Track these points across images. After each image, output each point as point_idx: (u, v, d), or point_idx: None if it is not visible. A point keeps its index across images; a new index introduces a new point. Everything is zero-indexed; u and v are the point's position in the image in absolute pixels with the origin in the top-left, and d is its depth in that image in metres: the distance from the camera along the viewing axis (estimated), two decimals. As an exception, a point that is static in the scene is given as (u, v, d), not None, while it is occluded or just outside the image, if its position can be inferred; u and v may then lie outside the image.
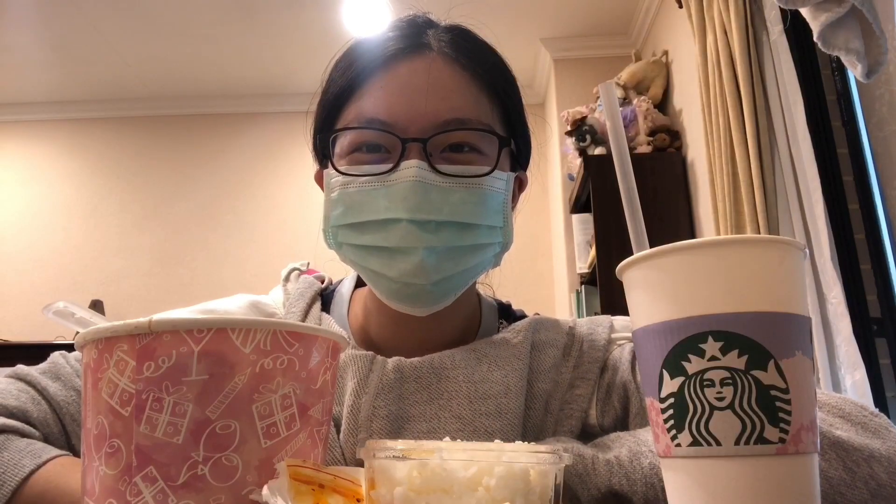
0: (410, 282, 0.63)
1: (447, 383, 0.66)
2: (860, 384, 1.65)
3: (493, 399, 0.65)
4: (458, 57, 0.67)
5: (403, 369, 0.66)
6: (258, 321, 0.40)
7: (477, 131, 0.65)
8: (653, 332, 0.38)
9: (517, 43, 3.62)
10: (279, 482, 0.37)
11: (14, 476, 0.53)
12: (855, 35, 1.52)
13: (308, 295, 0.75)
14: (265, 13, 3.40)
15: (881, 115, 1.82)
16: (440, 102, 0.64)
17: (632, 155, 1.72)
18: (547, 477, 0.39)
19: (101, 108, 4.29)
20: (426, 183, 0.61)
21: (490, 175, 0.65)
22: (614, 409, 0.68)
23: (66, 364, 0.66)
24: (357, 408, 0.65)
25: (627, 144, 0.45)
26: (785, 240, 0.38)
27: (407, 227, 0.61)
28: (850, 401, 0.54)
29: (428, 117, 0.63)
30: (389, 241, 0.62)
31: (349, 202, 0.64)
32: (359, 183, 0.64)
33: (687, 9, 2.46)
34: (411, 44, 0.67)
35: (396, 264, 0.63)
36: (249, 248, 4.06)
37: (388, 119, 0.63)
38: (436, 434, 0.64)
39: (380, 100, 0.64)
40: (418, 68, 0.65)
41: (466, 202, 0.63)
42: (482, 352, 0.68)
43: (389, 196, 0.62)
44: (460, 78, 0.66)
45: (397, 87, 0.65)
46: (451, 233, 0.63)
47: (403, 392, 0.66)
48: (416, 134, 0.63)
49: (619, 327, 0.74)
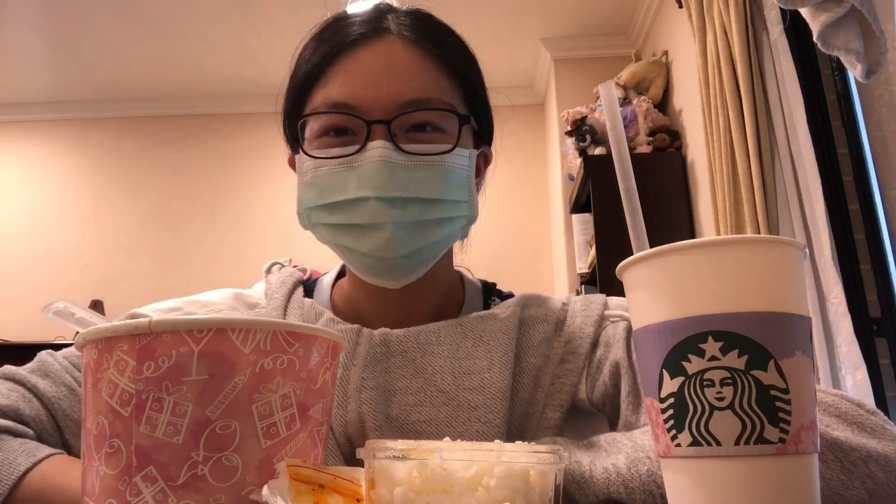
0: (382, 255, 0.66)
1: (431, 359, 0.68)
2: (861, 384, 1.65)
3: (476, 374, 0.67)
4: (416, 39, 0.70)
5: (390, 342, 0.69)
6: (258, 321, 0.40)
7: (437, 111, 0.68)
8: (653, 332, 0.38)
9: (517, 43, 3.62)
10: (279, 482, 0.37)
11: (9, 476, 0.53)
12: (855, 35, 1.52)
13: (289, 283, 0.78)
14: (264, 13, 3.40)
15: (881, 115, 1.82)
16: (401, 84, 0.67)
17: (632, 155, 1.71)
18: (547, 477, 0.39)
19: (102, 108, 4.29)
20: (391, 162, 0.64)
21: (451, 152, 0.68)
22: (605, 385, 0.69)
23: (55, 361, 0.67)
24: (346, 379, 0.67)
25: (627, 144, 0.45)
26: (785, 240, 0.38)
27: (375, 204, 0.64)
28: (847, 398, 0.54)
29: (390, 99, 0.66)
30: (360, 219, 0.66)
31: (321, 184, 0.67)
32: (329, 165, 0.67)
33: (687, 9, 2.46)
34: (371, 28, 0.70)
35: (368, 240, 0.66)
36: (249, 247, 4.06)
37: (352, 102, 0.66)
38: (422, 406, 0.66)
39: (345, 84, 0.67)
40: (378, 52, 0.68)
41: (431, 179, 0.66)
42: (468, 326, 0.71)
43: (358, 176, 0.65)
44: (419, 59, 0.69)
45: (360, 71, 0.68)
46: (417, 208, 0.66)
47: (390, 366, 0.68)
48: (380, 116, 0.66)
49: (614, 305, 0.75)
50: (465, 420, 0.65)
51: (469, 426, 0.65)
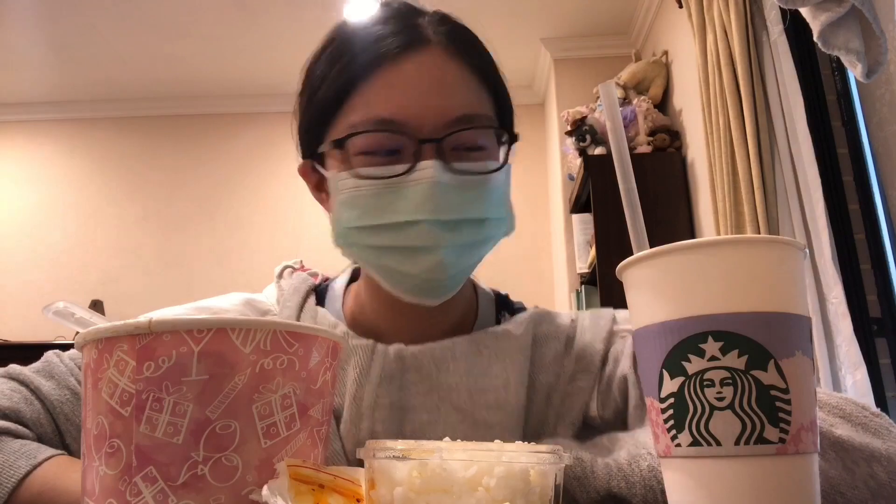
0: (432, 277, 0.64)
1: (447, 375, 0.66)
2: (861, 384, 1.65)
3: (492, 392, 0.66)
4: (457, 50, 0.67)
5: (405, 358, 0.67)
6: (258, 321, 0.40)
7: (485, 128, 0.66)
8: (653, 332, 0.38)
9: (517, 43, 3.62)
10: (279, 482, 0.37)
11: (10, 478, 0.53)
12: (855, 35, 1.52)
13: (302, 290, 0.76)
14: (265, 13, 3.39)
15: (881, 115, 1.82)
16: (448, 99, 0.64)
17: (632, 155, 1.71)
18: (547, 477, 0.39)
19: (101, 108, 4.29)
20: (444, 183, 0.62)
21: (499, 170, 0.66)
22: (615, 401, 0.68)
23: (61, 363, 0.66)
24: (360, 397, 0.65)
25: (627, 144, 0.45)
26: (785, 240, 0.38)
27: (429, 227, 0.62)
28: (852, 401, 0.54)
29: (438, 115, 0.63)
30: (411, 241, 0.62)
31: (363, 205, 0.64)
32: (374, 186, 0.63)
33: (687, 9, 2.46)
34: (410, 38, 0.65)
35: (419, 262, 0.63)
36: (249, 247, 4.05)
37: (400, 119, 0.63)
38: (437, 424, 0.65)
39: (390, 99, 0.63)
40: (423, 64, 0.65)
41: (479, 199, 0.64)
42: (483, 343, 0.69)
43: (408, 198, 0.62)
44: (462, 73, 0.66)
45: (405, 86, 0.64)
46: (468, 229, 0.64)
47: (404, 382, 0.66)
48: (429, 133, 0.63)
49: (622, 319, 0.74)
50: (481, 438, 0.63)
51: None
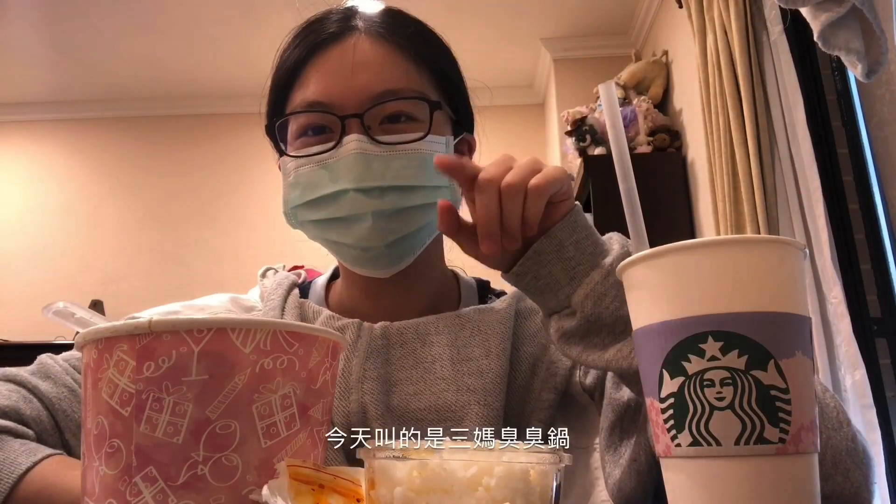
0: (366, 245, 0.69)
1: (431, 348, 0.70)
2: (860, 384, 1.65)
3: (474, 361, 0.70)
4: (382, 32, 0.72)
5: (390, 334, 0.71)
6: (258, 321, 0.40)
7: (408, 99, 0.70)
8: (653, 332, 0.38)
9: (517, 43, 3.61)
10: (279, 482, 0.37)
11: (10, 474, 0.54)
12: (855, 35, 1.52)
13: (285, 285, 0.79)
14: (265, 13, 3.39)
15: (881, 115, 1.82)
16: (370, 77, 0.69)
17: (632, 155, 1.71)
18: (547, 477, 0.39)
19: (102, 108, 4.28)
20: (367, 154, 0.67)
21: (426, 139, 0.69)
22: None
23: (55, 364, 0.67)
24: (348, 370, 0.69)
25: (627, 144, 0.45)
26: (785, 240, 0.38)
27: (354, 195, 0.67)
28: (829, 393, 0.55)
29: (362, 93, 0.68)
30: (341, 212, 0.68)
31: (303, 182, 0.70)
32: (309, 163, 0.69)
33: (687, 9, 2.46)
34: (340, 27, 0.72)
35: (351, 231, 0.68)
36: (249, 247, 4.05)
37: (326, 100, 0.69)
38: (422, 395, 0.68)
39: (317, 83, 0.70)
40: (348, 48, 0.71)
41: (407, 167, 0.68)
42: (466, 318, 0.73)
43: (335, 170, 0.68)
44: (387, 52, 0.71)
45: (330, 69, 0.70)
46: (395, 196, 0.67)
47: (390, 357, 0.70)
48: (352, 110, 0.68)
49: None
50: (464, 404, 0.67)
51: (469, 410, 0.67)
